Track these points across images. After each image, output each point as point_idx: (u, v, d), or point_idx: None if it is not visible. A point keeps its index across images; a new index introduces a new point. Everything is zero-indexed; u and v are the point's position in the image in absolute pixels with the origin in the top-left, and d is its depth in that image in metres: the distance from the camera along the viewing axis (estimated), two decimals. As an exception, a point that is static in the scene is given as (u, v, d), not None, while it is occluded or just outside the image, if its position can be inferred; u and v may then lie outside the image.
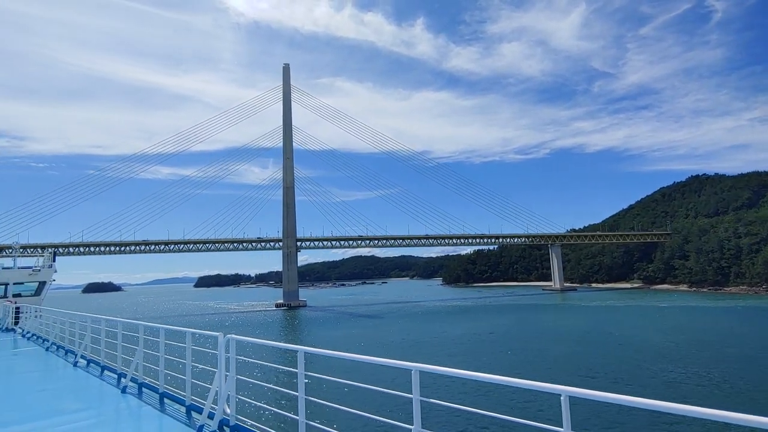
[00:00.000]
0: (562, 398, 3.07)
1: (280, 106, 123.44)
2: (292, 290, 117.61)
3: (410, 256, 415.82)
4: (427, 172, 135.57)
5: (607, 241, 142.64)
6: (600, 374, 31.43)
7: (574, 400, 3.12)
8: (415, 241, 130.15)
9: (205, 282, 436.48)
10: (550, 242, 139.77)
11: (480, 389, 26.03)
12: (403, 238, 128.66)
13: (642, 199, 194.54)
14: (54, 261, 34.82)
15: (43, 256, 35.82)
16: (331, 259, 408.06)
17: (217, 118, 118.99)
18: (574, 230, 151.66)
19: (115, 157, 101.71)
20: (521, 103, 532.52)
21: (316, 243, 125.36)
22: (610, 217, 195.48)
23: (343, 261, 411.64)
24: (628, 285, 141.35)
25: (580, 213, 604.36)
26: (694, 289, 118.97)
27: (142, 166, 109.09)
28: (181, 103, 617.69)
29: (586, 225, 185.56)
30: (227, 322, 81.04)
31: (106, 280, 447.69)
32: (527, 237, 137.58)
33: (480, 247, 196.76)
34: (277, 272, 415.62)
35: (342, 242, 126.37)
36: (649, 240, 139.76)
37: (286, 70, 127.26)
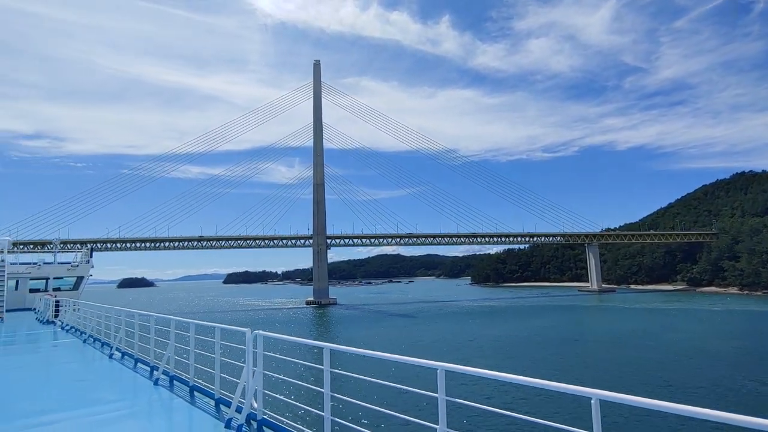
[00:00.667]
0: (592, 401, 2.96)
1: (305, 105, 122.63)
2: (323, 288, 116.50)
3: (435, 255, 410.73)
4: (458, 169, 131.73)
5: (648, 240, 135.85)
6: (656, 382, 28.69)
7: (605, 404, 2.98)
8: (446, 239, 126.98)
9: (233, 279, 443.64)
10: (587, 241, 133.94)
11: (507, 390, 25.38)
12: (433, 236, 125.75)
13: (682, 197, 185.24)
14: (91, 257, 35.63)
15: (81, 251, 36.76)
16: (356, 258, 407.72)
17: (244, 118, 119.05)
18: (609, 229, 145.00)
19: (147, 156, 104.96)
20: (549, 100, 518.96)
21: (346, 240, 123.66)
22: (647, 216, 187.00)
23: (369, 259, 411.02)
24: (670, 287, 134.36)
25: (611, 212, 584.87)
26: (746, 292, 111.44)
27: (173, 165, 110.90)
28: (210, 104, 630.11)
29: (621, 224, 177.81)
30: (260, 319, 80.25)
31: (139, 276, 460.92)
32: (563, 236, 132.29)
33: (510, 246, 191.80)
34: (303, 270, 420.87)
35: (371, 240, 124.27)
36: (693, 240, 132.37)
37: (317, 66, 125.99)
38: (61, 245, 46.39)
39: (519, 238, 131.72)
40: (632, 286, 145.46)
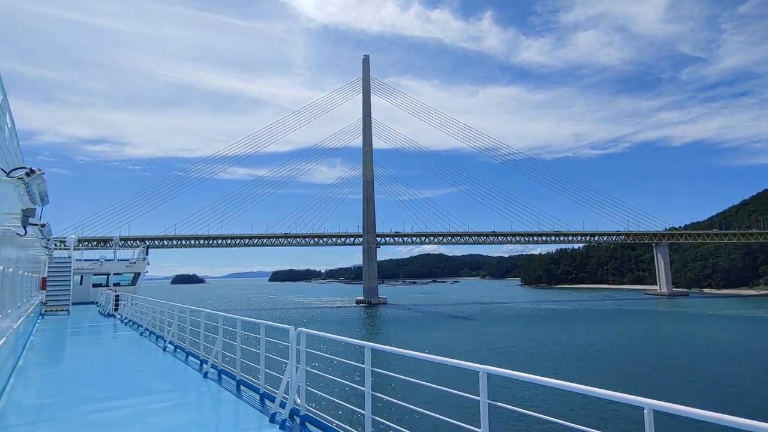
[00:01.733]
0: (645, 411, 2.83)
1: (347, 105, 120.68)
2: (372, 287, 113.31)
3: (479, 255, 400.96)
4: (512, 165, 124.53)
5: (725, 240, 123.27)
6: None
7: (658, 415, 2.84)
8: (499, 237, 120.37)
9: (279, 276, 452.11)
10: (655, 241, 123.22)
11: (553, 396, 24.51)
12: (485, 235, 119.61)
13: (758, 193, 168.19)
14: (147, 254, 37.24)
15: (139, 248, 38.86)
16: (398, 257, 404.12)
17: (288, 120, 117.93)
18: (673, 228, 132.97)
19: (199, 158, 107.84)
20: (597, 95, 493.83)
21: (395, 239, 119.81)
22: (717, 214, 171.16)
23: (411, 259, 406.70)
24: (753, 291, 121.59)
25: (669, 211, 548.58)
26: None
27: (222, 167, 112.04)
28: (257, 107, 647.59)
29: (686, 224, 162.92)
30: (311, 318, 77.58)
31: (190, 273, 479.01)
32: (627, 235, 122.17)
33: (563, 246, 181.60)
34: (346, 268, 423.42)
35: (421, 238, 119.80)
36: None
37: (366, 61, 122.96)
38: (121, 242, 49.05)
39: (579, 237, 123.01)
40: (705, 290, 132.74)
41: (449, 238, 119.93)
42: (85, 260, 35.17)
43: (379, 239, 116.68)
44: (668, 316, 75.24)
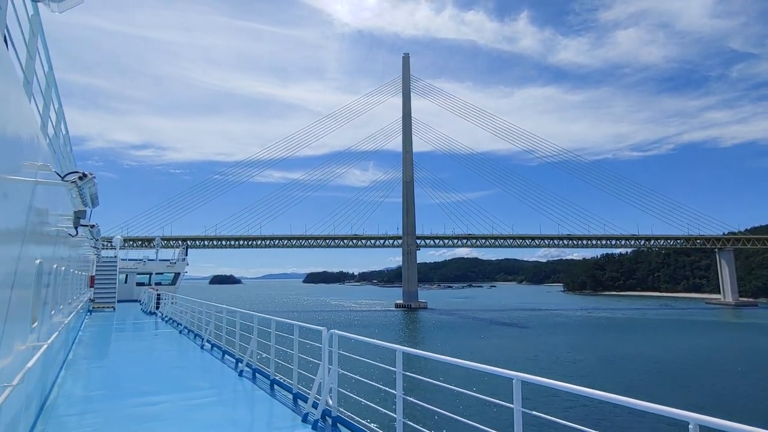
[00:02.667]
0: (690, 427, 2.80)
1: (380, 109, 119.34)
2: (412, 290, 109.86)
3: (514, 259, 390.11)
4: (558, 167, 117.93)
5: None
6: None
7: (705, 430, 2.76)
8: (546, 241, 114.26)
9: (313, 278, 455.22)
10: (718, 246, 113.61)
11: (594, 408, 23.76)
12: (532, 238, 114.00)
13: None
14: (186, 255, 38.19)
15: (179, 248, 40.18)
16: (430, 261, 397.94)
17: (322, 123, 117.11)
18: (731, 233, 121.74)
19: (235, 162, 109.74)
20: (639, 95, 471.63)
21: (436, 241, 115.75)
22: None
23: (445, 263, 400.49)
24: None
25: (722, 215, 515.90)
26: None
27: (257, 171, 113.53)
28: (291, 112, 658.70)
29: (745, 228, 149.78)
30: (352, 322, 75.96)
31: (228, 273, 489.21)
32: (687, 239, 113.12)
33: (609, 251, 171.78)
34: (380, 271, 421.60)
35: (462, 240, 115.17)
36: None
37: (406, 60, 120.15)
38: (163, 242, 50.20)
39: (632, 242, 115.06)
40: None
41: (492, 240, 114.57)
42: (129, 260, 36.17)
43: (419, 241, 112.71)
44: (740, 329, 68.32)
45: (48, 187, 5.88)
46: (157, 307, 25.13)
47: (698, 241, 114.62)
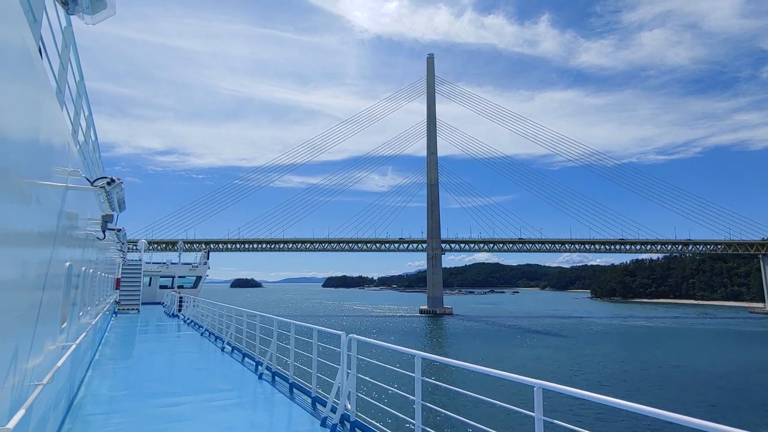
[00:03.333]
0: None
1: (398, 114, 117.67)
2: (437, 296, 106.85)
3: (537, 264, 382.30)
4: (581, 171, 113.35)
5: None
6: None
7: None
8: (577, 245, 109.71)
9: (332, 282, 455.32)
10: (762, 252, 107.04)
11: (615, 416, 22.70)
12: (561, 242, 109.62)
13: None
14: (208, 259, 38.48)
15: (201, 252, 40.60)
16: (451, 266, 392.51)
17: (341, 128, 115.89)
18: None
19: (256, 167, 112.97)
20: (665, 97, 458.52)
21: (461, 245, 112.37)
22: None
23: (465, 268, 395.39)
24: None
25: (757, 218, 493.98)
26: None
27: (278, 175, 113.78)
28: (311, 118, 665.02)
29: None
30: (377, 327, 73.80)
31: (248, 277, 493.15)
32: (726, 244, 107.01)
33: (637, 256, 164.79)
34: (399, 276, 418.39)
35: (489, 245, 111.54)
36: None
37: (430, 61, 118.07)
38: (186, 245, 52.54)
39: (668, 246, 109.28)
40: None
41: (519, 245, 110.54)
42: (153, 263, 36.55)
43: (443, 245, 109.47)
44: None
45: (78, 191, 6.05)
46: (180, 310, 25.45)
47: (739, 246, 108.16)
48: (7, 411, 3.04)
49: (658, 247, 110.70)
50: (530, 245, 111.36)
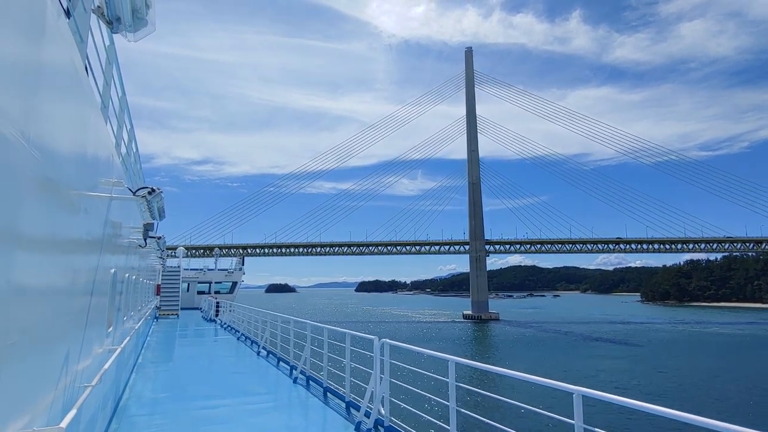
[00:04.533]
0: None
1: (426, 119, 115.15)
2: (482, 300, 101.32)
3: (575, 267, 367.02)
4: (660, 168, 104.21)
5: None
6: None
7: None
8: (633, 245, 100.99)
9: (365, 287, 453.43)
10: None
11: (659, 425, 21.31)
12: (615, 242, 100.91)
13: None
14: (243, 264, 39.35)
15: (236, 258, 42.18)
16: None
17: (369, 133, 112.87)
18: None
19: (288, 174, 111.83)
20: (707, 90, 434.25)
21: (507, 246, 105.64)
22: None
23: (501, 271, 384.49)
24: None
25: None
26: None
27: (308, 182, 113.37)
28: (340, 124, 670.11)
29: None
30: (422, 335, 69.06)
31: (282, 282, 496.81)
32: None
33: (693, 256, 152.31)
34: (432, 280, 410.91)
35: (536, 246, 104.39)
36: None
37: (468, 54, 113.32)
38: (224, 250, 53.45)
39: (739, 245, 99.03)
40: None
41: (569, 245, 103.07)
42: (191, 269, 37.47)
43: (488, 247, 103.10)
44: None
45: (121, 201, 6.32)
46: (217, 315, 25.98)
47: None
48: (59, 411, 3.18)
49: (726, 245, 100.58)
50: (581, 245, 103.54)
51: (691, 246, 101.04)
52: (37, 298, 2.60)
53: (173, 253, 38.38)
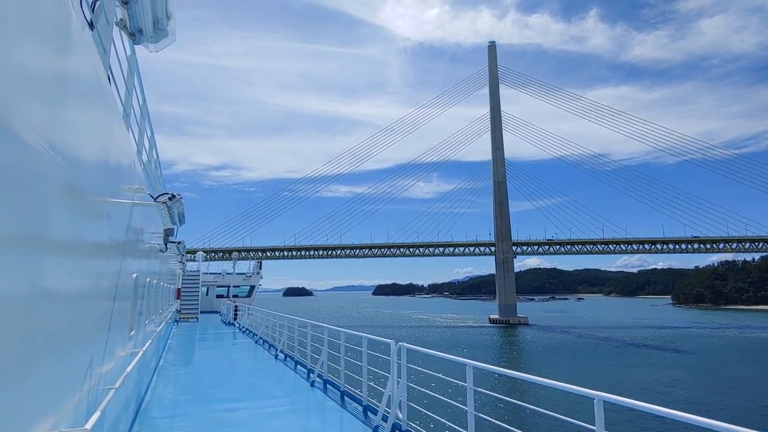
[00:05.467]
0: None
1: (440, 121, 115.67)
2: (510, 304, 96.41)
3: (596, 269, 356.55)
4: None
5: None
6: None
7: None
8: (671, 245, 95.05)
9: (382, 290, 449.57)
10: None
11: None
12: (652, 242, 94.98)
13: None
14: (260, 269, 39.22)
15: (254, 261, 41.67)
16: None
17: (383, 137, 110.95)
18: None
19: (303, 179, 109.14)
20: (730, 87, 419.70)
21: (534, 248, 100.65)
22: None
23: (520, 274, 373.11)
24: None
25: None
26: None
27: (324, 185, 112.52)
28: (356, 128, 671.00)
29: None
30: (450, 341, 64.61)
31: (299, 286, 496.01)
32: None
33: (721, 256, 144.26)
34: (449, 283, 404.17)
35: (566, 246, 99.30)
36: None
37: (492, 49, 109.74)
38: (243, 253, 55.25)
39: (760, 245, 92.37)
40: None
41: (602, 246, 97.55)
42: (209, 273, 37.94)
43: (515, 248, 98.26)
44: None
45: (143, 207, 6.46)
46: (235, 318, 26.24)
47: None
48: (84, 412, 3.25)
49: (760, 245, 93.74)
50: (614, 246, 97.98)
51: (734, 245, 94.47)
52: (63, 302, 2.66)
53: (192, 257, 39.32)
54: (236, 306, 26.87)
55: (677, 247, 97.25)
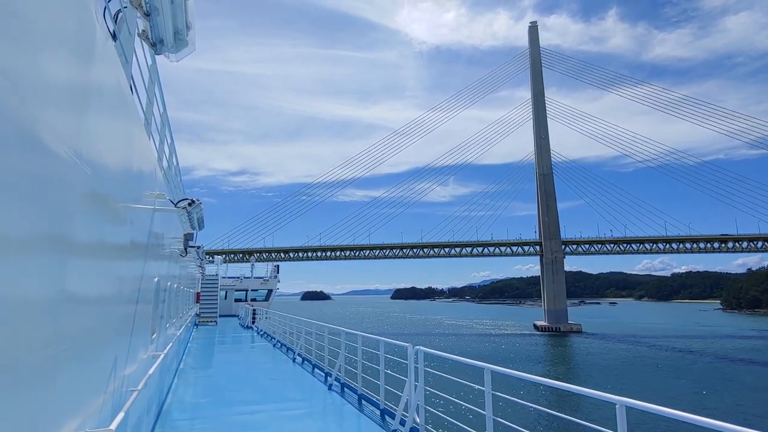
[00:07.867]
0: None
1: (455, 123, 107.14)
2: (560, 309, 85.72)
3: (623, 272, 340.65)
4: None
5: None
6: None
7: None
8: (759, 243, 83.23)
9: (401, 294, 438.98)
10: None
11: None
12: (722, 240, 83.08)
13: None
14: (278, 273, 39.53)
15: (272, 262, 44.73)
16: (527, 275, 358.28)
17: (398, 140, 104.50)
18: None
19: (320, 183, 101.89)
20: (756, 85, 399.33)
21: (586, 246, 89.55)
22: None
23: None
24: None
25: None
26: None
27: (340, 189, 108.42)
28: (372, 132, 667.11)
29: None
30: (502, 354, 55.53)
31: (317, 290, 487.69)
32: None
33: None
34: (471, 287, 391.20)
35: (621, 245, 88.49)
36: None
37: (533, 30, 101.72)
38: (263, 255, 57.86)
39: None
40: None
41: (663, 244, 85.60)
42: (228, 278, 38.14)
43: (564, 247, 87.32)
44: None
45: (163, 213, 6.60)
46: (253, 322, 26.52)
47: None
48: (109, 413, 3.35)
49: None
50: (678, 244, 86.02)
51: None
52: (88, 305, 2.75)
53: (211, 259, 39.27)
54: (254, 310, 27.27)
55: (751, 245, 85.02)
